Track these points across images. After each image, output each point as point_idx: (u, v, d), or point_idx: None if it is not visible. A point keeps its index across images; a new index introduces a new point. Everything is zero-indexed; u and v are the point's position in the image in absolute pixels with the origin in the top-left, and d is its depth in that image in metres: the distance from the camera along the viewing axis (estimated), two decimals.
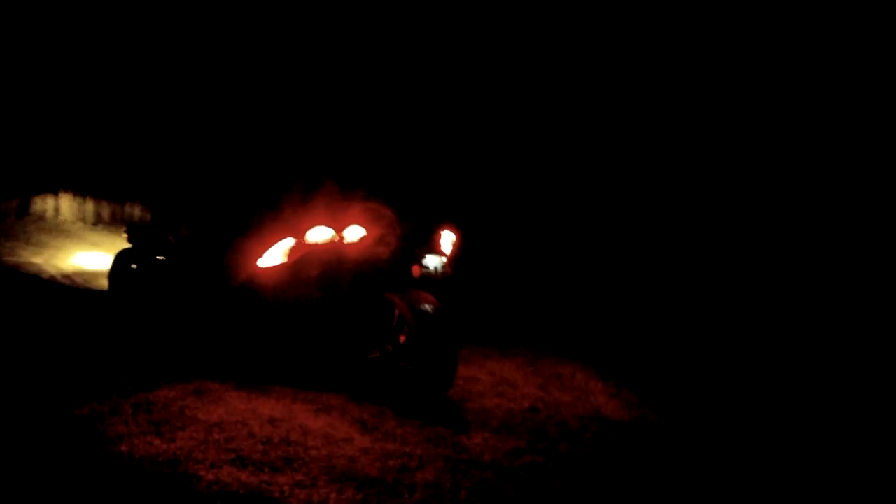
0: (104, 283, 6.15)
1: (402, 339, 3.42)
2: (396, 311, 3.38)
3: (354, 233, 3.49)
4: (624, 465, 3.02)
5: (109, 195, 9.60)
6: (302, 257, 3.46)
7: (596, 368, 4.70)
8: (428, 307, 3.34)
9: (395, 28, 9.00)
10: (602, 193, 8.30)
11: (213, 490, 2.36)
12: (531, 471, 2.85)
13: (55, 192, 9.28)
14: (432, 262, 3.55)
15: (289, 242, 3.49)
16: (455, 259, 3.69)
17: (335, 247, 3.45)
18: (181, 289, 4.34)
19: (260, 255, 3.57)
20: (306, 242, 3.48)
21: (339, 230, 3.50)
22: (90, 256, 7.75)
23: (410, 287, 3.49)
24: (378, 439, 3.03)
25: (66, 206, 9.29)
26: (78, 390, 3.29)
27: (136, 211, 9.60)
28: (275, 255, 3.52)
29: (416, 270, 3.44)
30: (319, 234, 3.46)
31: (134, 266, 4.99)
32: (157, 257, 4.83)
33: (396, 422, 3.28)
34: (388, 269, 3.43)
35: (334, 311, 3.52)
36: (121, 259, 5.08)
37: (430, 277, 3.53)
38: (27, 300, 5.32)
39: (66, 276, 6.42)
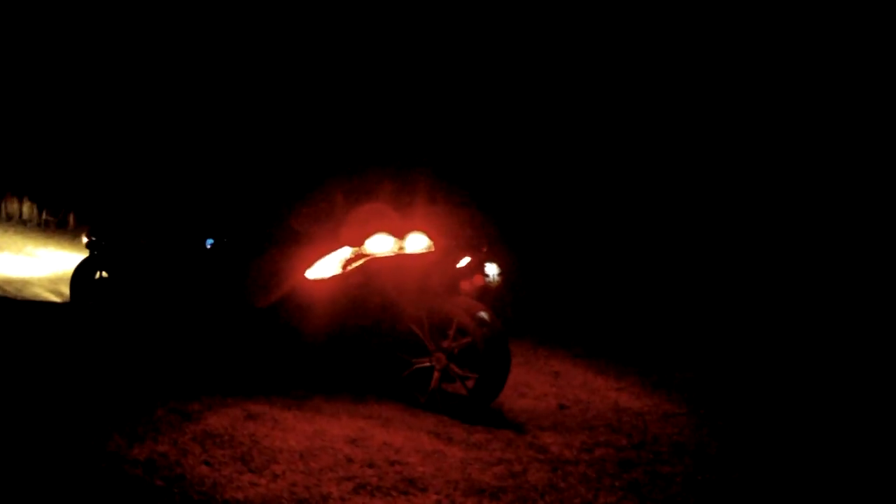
0: (39, 292, 5.43)
1: (456, 347, 3.45)
2: (454, 321, 3.40)
3: (417, 242, 3.39)
4: (678, 449, 3.32)
5: None
6: (361, 269, 3.31)
7: (587, 364, 5.02)
8: (486, 316, 3.40)
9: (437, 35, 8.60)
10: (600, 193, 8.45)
11: None
12: (613, 462, 3.06)
13: None
14: (491, 270, 3.59)
15: (345, 252, 3.33)
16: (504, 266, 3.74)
17: (400, 260, 3.32)
18: (186, 301, 3.96)
19: (309, 266, 3.38)
20: (365, 253, 3.34)
21: (400, 237, 3.38)
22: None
23: (463, 295, 3.52)
24: (466, 448, 3.08)
25: None
26: (107, 425, 2.94)
27: (26, 207, 8.40)
28: (328, 266, 3.34)
29: (478, 280, 3.47)
30: (380, 245, 3.32)
31: (104, 275, 4.48)
32: (133, 266, 4.37)
33: (464, 430, 3.34)
34: (454, 282, 3.42)
35: (390, 324, 3.44)
36: (84, 268, 4.54)
37: (486, 286, 3.57)
38: None
39: None
